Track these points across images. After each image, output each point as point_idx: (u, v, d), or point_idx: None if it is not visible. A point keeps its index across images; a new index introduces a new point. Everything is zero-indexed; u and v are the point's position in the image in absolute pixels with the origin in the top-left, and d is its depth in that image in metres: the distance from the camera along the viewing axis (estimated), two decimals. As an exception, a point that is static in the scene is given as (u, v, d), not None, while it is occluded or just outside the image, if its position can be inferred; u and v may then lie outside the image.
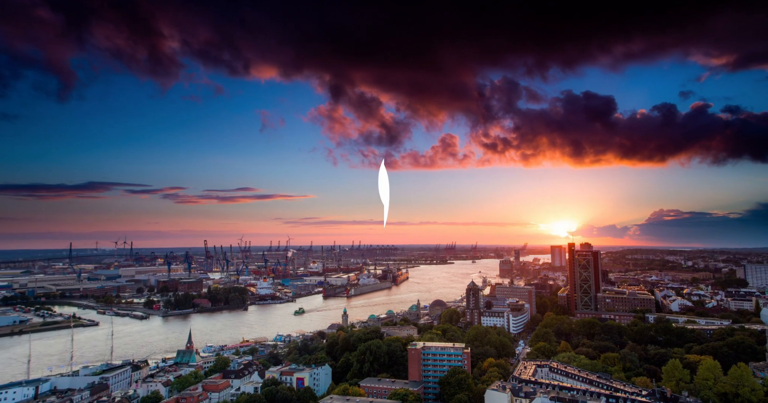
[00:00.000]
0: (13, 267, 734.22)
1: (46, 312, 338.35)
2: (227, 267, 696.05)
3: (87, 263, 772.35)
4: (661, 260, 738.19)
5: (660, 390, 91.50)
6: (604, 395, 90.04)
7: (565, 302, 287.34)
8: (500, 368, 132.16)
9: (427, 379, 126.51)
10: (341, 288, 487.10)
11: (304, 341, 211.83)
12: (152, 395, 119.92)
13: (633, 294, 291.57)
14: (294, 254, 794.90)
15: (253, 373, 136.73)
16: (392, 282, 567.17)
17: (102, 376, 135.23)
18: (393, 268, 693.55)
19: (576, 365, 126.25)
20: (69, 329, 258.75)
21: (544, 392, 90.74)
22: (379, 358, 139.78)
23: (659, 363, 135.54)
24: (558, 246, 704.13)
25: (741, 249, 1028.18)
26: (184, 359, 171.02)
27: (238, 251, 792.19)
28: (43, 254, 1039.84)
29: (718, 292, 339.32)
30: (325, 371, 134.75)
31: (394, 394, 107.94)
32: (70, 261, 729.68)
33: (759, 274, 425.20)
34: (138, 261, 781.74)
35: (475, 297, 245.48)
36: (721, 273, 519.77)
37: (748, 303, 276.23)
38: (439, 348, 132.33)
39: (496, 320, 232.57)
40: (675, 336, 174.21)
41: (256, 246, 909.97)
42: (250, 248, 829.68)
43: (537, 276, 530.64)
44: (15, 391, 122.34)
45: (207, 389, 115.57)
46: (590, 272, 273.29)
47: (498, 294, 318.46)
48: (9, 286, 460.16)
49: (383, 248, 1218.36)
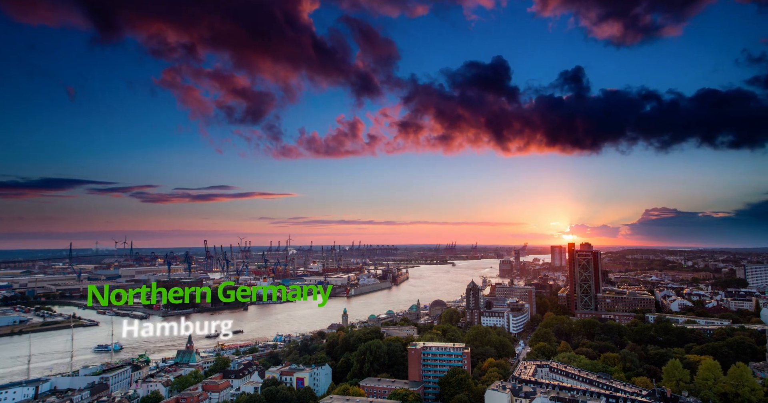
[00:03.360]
0: (13, 267, 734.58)
1: (46, 312, 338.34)
2: (227, 267, 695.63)
3: (87, 263, 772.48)
4: (661, 260, 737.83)
5: (660, 390, 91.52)
6: (604, 395, 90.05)
7: (565, 302, 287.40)
8: (500, 368, 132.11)
9: (427, 379, 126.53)
10: (341, 288, 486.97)
11: (304, 341, 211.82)
12: (152, 395, 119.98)
13: (633, 294, 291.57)
14: (294, 253, 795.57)
15: (253, 373, 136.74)
16: (392, 282, 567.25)
17: (102, 376, 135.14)
18: (393, 268, 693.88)
19: (576, 365, 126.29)
20: (69, 329, 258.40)
21: (544, 392, 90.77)
22: (379, 358, 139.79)
23: (659, 363, 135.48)
24: (558, 246, 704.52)
25: (741, 249, 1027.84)
26: (184, 359, 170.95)
27: (238, 251, 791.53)
28: (43, 253, 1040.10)
29: (718, 292, 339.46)
30: (325, 371, 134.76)
31: (394, 394, 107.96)
32: (70, 261, 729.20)
33: (759, 274, 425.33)
34: (138, 261, 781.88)
35: (475, 297, 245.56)
36: (721, 273, 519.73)
37: (748, 303, 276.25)
38: (439, 348, 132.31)
39: (496, 320, 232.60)
40: (675, 336, 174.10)
41: (256, 246, 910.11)
42: (250, 248, 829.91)
43: (537, 276, 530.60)
44: (15, 391, 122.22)
45: (207, 389, 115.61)
46: (590, 271, 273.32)
47: (498, 294, 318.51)
48: (9, 286, 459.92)
49: (383, 248, 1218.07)
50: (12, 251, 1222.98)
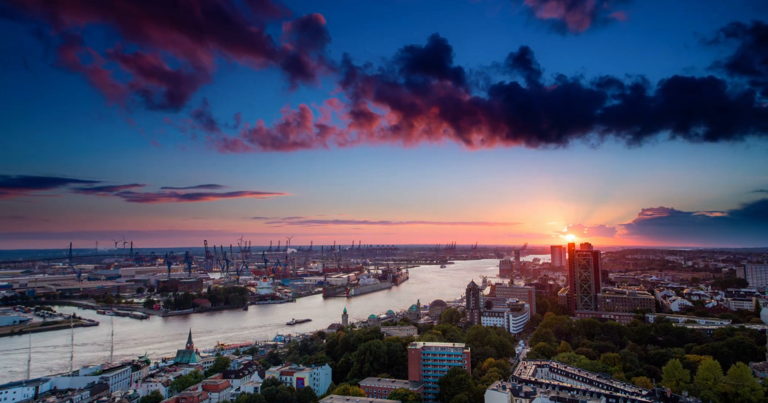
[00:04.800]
0: (13, 267, 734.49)
1: (46, 312, 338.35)
2: (227, 267, 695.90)
3: (87, 263, 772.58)
4: (661, 260, 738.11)
5: (660, 390, 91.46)
6: (604, 395, 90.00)
7: (565, 302, 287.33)
8: (500, 368, 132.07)
9: (427, 379, 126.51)
10: (341, 288, 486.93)
11: (304, 341, 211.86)
12: (152, 395, 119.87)
13: (633, 294, 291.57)
14: (294, 253, 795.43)
15: (253, 373, 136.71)
16: (392, 282, 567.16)
17: (102, 376, 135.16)
18: (393, 268, 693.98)
19: (576, 365, 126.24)
20: (69, 329, 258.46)
21: (544, 392, 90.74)
22: (379, 358, 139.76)
23: (659, 363, 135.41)
24: (558, 246, 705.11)
25: (740, 249, 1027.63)
26: (184, 359, 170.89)
27: (238, 251, 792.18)
28: (43, 253, 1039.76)
29: (718, 292, 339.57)
30: (325, 371, 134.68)
31: (394, 394, 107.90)
32: (70, 261, 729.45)
33: (759, 274, 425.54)
34: (138, 261, 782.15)
35: (475, 297, 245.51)
36: (721, 273, 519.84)
37: (748, 303, 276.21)
38: (439, 348, 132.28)
39: (496, 320, 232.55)
40: (675, 336, 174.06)
41: (256, 246, 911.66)
42: (250, 248, 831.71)
43: (537, 276, 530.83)
44: (15, 391, 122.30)
45: (207, 389, 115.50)
46: (590, 272, 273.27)
47: (498, 294, 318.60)
48: (9, 286, 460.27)
49: (383, 248, 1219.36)
50: (12, 251, 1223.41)
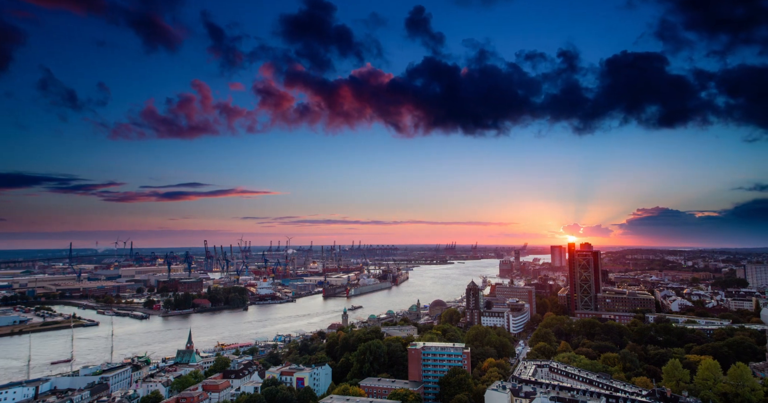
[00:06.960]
0: (13, 267, 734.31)
1: (46, 312, 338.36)
2: (227, 267, 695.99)
3: (87, 263, 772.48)
4: (661, 260, 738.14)
5: (660, 390, 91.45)
6: (604, 395, 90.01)
7: (565, 302, 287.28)
8: (500, 368, 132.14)
9: (427, 379, 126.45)
10: (341, 288, 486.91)
11: (304, 341, 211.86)
12: (152, 395, 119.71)
13: (633, 294, 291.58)
14: (294, 253, 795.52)
15: (253, 373, 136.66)
16: (392, 282, 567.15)
17: (102, 376, 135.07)
18: (393, 268, 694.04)
19: (576, 365, 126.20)
20: (69, 329, 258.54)
21: (544, 392, 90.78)
22: (379, 358, 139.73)
23: (659, 363, 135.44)
24: (558, 246, 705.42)
25: (740, 249, 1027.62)
26: (184, 359, 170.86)
27: (238, 251, 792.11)
28: (43, 253, 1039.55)
29: (718, 292, 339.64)
30: (325, 371, 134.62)
31: (394, 394, 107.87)
32: (70, 261, 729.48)
33: (759, 274, 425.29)
34: (138, 261, 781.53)
35: (475, 297, 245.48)
36: (721, 273, 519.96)
37: (748, 303, 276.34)
38: (439, 348, 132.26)
39: (496, 320, 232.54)
40: (675, 336, 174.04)
41: (256, 246, 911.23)
42: (250, 248, 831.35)
43: (537, 276, 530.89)
44: (15, 391, 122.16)
45: (207, 389, 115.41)
46: (590, 272, 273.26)
47: (498, 294, 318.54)
48: (9, 286, 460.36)
49: (383, 248, 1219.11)
50: (12, 251, 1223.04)
